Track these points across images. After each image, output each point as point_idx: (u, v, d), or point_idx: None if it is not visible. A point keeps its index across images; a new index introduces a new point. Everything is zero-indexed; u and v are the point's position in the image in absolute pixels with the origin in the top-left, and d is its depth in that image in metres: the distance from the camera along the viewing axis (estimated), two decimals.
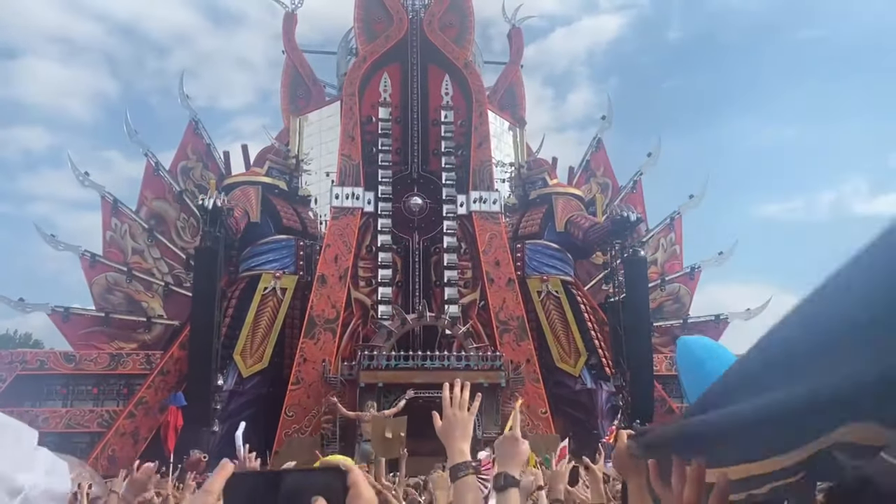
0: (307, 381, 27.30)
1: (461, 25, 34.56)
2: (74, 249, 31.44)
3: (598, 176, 37.78)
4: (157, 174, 33.71)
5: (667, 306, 35.07)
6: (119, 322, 30.87)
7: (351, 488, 1.06)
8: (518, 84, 41.17)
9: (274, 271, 30.06)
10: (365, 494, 1.06)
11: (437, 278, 31.00)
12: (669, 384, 31.03)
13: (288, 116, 36.86)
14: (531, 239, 32.25)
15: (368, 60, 32.94)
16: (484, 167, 32.09)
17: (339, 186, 30.76)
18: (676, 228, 36.99)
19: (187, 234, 33.12)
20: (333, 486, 1.06)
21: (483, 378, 26.09)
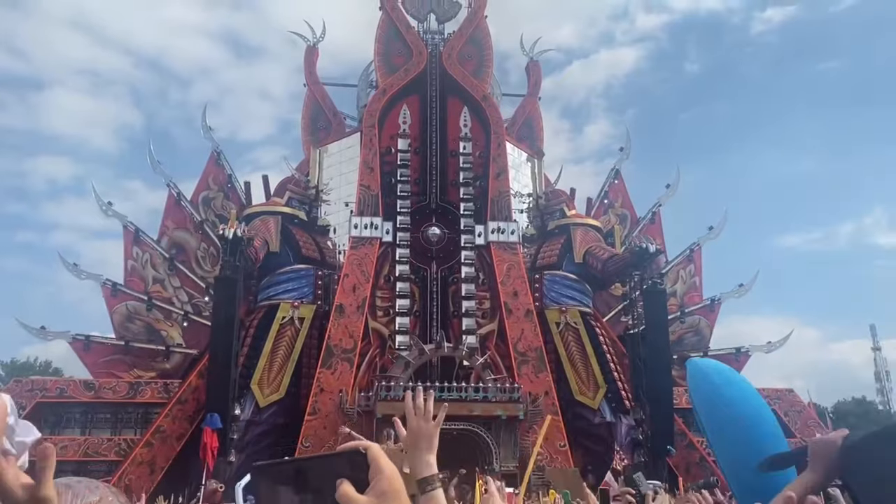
0: (324, 411, 27.20)
1: (479, 58, 34.96)
2: (96, 278, 31.83)
3: (616, 207, 37.75)
4: (178, 204, 34.18)
5: (687, 339, 34.70)
6: (138, 350, 31.09)
7: (371, 464, 1.09)
8: (536, 116, 41.45)
9: (292, 301, 30.16)
10: (386, 469, 1.11)
11: (454, 309, 30.94)
12: (690, 417, 30.53)
13: (308, 148, 37.34)
14: (549, 270, 32.15)
15: (388, 93, 33.36)
16: (502, 198, 32.17)
17: (357, 216, 30.96)
18: (696, 260, 36.75)
19: (207, 263, 33.43)
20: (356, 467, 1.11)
21: (501, 410, 25.88)
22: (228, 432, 24.97)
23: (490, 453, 25.18)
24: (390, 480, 1.12)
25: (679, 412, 28.86)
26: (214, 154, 35.73)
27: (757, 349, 34.70)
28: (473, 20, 35.12)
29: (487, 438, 25.43)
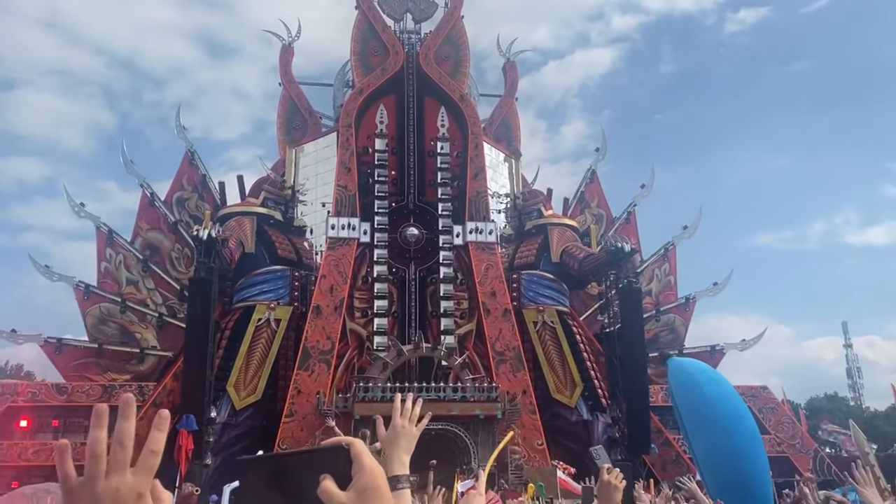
0: (301, 413, 27.03)
1: (456, 58, 34.97)
2: (68, 280, 31.33)
3: (592, 207, 37.97)
4: (152, 205, 33.76)
5: (662, 337, 35.01)
6: (112, 353, 30.65)
7: (354, 461, 1.08)
8: (513, 116, 41.58)
9: (268, 302, 29.93)
10: (368, 465, 1.09)
11: (433, 309, 30.91)
12: (666, 415, 30.82)
13: (284, 147, 37.08)
14: (527, 269, 32.26)
15: (365, 92, 33.24)
16: (480, 198, 32.21)
17: (335, 217, 30.80)
18: (671, 259, 37.09)
19: (182, 264, 33.06)
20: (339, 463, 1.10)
21: (479, 409, 25.91)
22: (204, 435, 24.70)
23: (468, 453, 25.21)
24: (373, 477, 1.10)
25: (655, 410, 29.11)
26: (188, 154, 35.34)
27: (731, 347, 35.08)
28: (450, 20, 35.11)
29: (466, 438, 25.46)
